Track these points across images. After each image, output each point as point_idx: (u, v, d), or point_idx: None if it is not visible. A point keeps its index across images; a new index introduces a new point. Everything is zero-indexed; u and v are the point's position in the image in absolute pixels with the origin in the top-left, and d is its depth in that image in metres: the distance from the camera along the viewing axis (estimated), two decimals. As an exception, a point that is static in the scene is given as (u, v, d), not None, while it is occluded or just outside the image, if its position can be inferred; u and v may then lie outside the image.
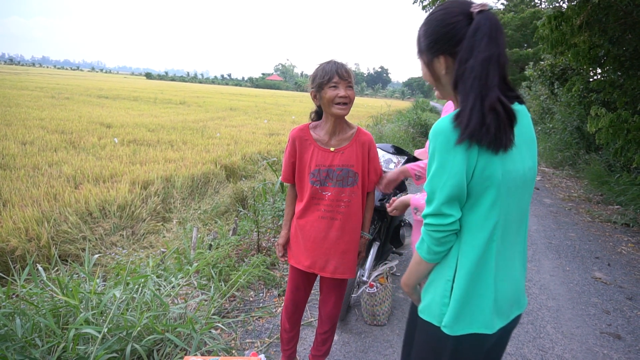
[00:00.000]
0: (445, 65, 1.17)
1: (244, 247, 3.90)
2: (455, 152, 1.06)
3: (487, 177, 1.09)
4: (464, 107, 1.07)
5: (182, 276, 2.90)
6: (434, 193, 1.11)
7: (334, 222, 1.96)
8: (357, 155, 1.94)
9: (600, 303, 3.53)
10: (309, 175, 1.93)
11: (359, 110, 23.25)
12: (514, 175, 1.13)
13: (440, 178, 1.09)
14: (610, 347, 2.89)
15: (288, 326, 2.22)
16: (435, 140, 1.10)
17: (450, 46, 1.14)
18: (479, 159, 1.07)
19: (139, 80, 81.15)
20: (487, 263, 1.15)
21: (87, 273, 2.41)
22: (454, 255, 1.17)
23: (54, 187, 5.32)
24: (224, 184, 6.97)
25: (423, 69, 1.26)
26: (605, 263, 4.43)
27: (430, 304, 1.21)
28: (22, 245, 3.89)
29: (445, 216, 1.11)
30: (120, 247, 4.39)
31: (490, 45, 1.06)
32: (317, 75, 1.84)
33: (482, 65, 1.06)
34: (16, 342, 1.84)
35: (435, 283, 1.21)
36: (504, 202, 1.14)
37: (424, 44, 1.21)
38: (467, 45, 1.08)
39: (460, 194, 1.10)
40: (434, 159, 1.11)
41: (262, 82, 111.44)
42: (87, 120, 11.59)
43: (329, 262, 2.00)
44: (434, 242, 1.14)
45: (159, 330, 2.13)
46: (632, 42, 6.01)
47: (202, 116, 16.06)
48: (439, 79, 1.22)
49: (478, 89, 1.06)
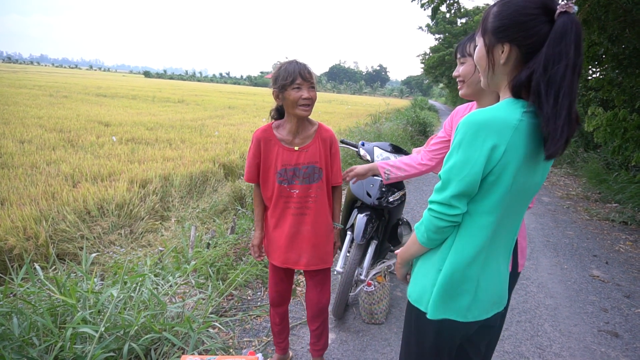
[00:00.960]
0: (507, 54, 1.12)
1: (242, 245, 3.89)
2: (483, 150, 1.06)
3: (501, 180, 1.09)
4: (555, 116, 1.02)
5: (180, 275, 2.89)
6: (449, 182, 1.11)
7: (304, 218, 2.03)
8: (320, 151, 2.00)
9: (598, 301, 3.54)
10: (276, 174, 1.99)
11: (357, 109, 23.24)
12: (523, 185, 1.13)
13: (460, 171, 1.08)
14: (607, 345, 2.89)
15: (277, 319, 2.29)
16: (466, 130, 1.08)
17: (522, 37, 1.08)
18: (502, 161, 1.07)
19: (137, 78, 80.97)
20: (476, 262, 1.18)
21: (84, 272, 2.41)
22: (447, 246, 1.19)
23: (52, 186, 5.31)
24: (222, 182, 6.96)
25: (480, 50, 1.19)
26: (603, 261, 4.44)
27: (421, 292, 1.25)
28: (20, 244, 3.88)
29: (453, 207, 1.12)
30: (119, 246, 4.38)
31: (577, 53, 1.02)
32: (280, 76, 1.86)
33: (572, 74, 1.02)
34: (13, 341, 1.83)
35: (427, 272, 1.24)
36: (505, 207, 1.14)
37: (492, 25, 1.14)
38: (555, 50, 1.02)
39: (473, 191, 1.11)
40: (458, 149, 1.09)
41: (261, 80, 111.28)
42: (86, 119, 11.56)
43: (302, 256, 2.06)
44: (433, 229, 1.16)
45: (156, 329, 2.12)
46: (631, 40, 6.01)
47: (200, 115, 16.03)
48: (493, 66, 1.17)
49: (569, 97, 1.02)
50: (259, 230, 2.12)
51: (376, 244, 3.04)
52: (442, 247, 1.20)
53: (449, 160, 1.12)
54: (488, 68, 1.18)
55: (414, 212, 5.66)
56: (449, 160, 1.13)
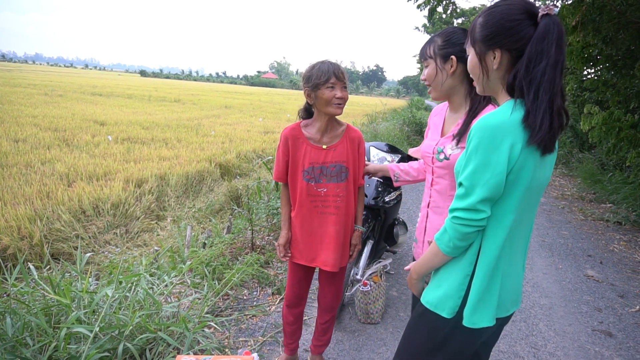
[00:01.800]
0: (499, 60, 1.17)
1: (238, 245, 3.89)
2: (502, 151, 1.08)
3: (521, 178, 1.12)
4: (535, 109, 1.08)
5: (176, 275, 2.88)
6: (473, 188, 1.12)
7: (331, 217, 2.02)
8: (347, 151, 2.00)
9: (592, 301, 3.56)
10: (302, 173, 1.98)
11: (354, 109, 23.27)
12: (538, 180, 1.17)
13: (483, 175, 1.10)
14: (601, 344, 2.91)
15: (292, 319, 2.28)
16: (482, 134, 1.10)
17: (510, 42, 1.15)
18: (520, 158, 1.10)
19: (133, 77, 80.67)
20: (500, 261, 1.19)
21: (79, 272, 2.39)
22: (473, 251, 1.20)
23: (46, 185, 5.28)
24: (218, 182, 6.95)
25: (472, 59, 1.25)
26: (598, 261, 4.46)
27: (443, 298, 1.24)
28: (14, 243, 3.86)
29: (479, 212, 1.13)
30: (114, 246, 4.37)
31: (558, 51, 1.09)
32: (314, 75, 1.86)
33: (552, 69, 1.08)
34: (7, 342, 1.82)
35: (452, 278, 1.24)
36: (523, 204, 1.17)
37: (480, 35, 1.20)
38: (537, 49, 1.09)
39: (498, 193, 1.12)
40: (476, 154, 1.11)
41: (257, 80, 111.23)
42: (81, 118, 11.50)
43: (328, 256, 2.05)
44: (459, 236, 1.16)
45: (151, 329, 2.12)
46: (624, 41, 6.04)
47: (196, 114, 15.99)
48: (487, 72, 1.22)
49: (549, 92, 1.08)
50: (285, 229, 2.10)
51: (372, 243, 3.04)
52: (468, 252, 1.21)
53: (468, 166, 1.13)
54: (482, 75, 1.23)
55: (410, 212, 5.67)
56: (467, 166, 1.14)
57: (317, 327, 2.34)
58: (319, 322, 2.32)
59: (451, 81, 1.62)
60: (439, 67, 1.62)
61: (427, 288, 1.34)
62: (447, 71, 1.60)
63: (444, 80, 1.63)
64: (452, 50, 1.58)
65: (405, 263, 3.97)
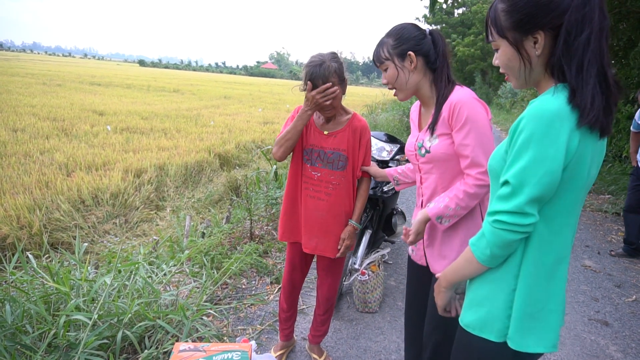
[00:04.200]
0: (542, 43, 0.99)
1: (237, 235, 3.90)
2: (560, 143, 0.92)
3: (577, 173, 0.97)
4: (583, 86, 0.92)
5: (174, 264, 2.90)
6: (522, 187, 0.94)
7: (320, 203, 2.02)
8: (348, 140, 1.98)
9: (589, 290, 3.58)
10: (302, 151, 2.01)
11: (354, 100, 23.17)
12: (594, 173, 1.03)
13: (536, 172, 0.93)
14: (598, 333, 2.93)
15: (285, 306, 2.31)
16: (536, 124, 0.93)
17: (553, 18, 0.96)
18: (578, 150, 0.94)
19: (132, 67, 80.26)
20: (557, 272, 1.03)
21: (77, 260, 2.40)
22: (516, 262, 1.03)
23: (45, 175, 5.27)
24: (217, 172, 6.95)
25: (505, 52, 1.06)
26: (595, 251, 4.48)
27: (487, 318, 1.07)
28: (13, 232, 3.87)
29: (527, 215, 0.95)
30: (113, 235, 4.38)
31: (601, 16, 0.94)
32: (304, 79, 1.86)
33: (598, 38, 0.94)
34: (6, 329, 1.83)
35: (494, 294, 1.06)
36: (576, 203, 1.01)
37: (511, 21, 1.01)
38: (577, 17, 0.93)
39: (551, 192, 0.96)
40: (527, 147, 0.94)
41: (257, 70, 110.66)
42: (80, 108, 11.46)
43: (311, 240, 2.06)
44: (500, 244, 0.99)
45: (150, 317, 2.13)
46: (625, 32, 6.02)
47: (196, 104, 15.93)
48: (530, 61, 1.03)
49: (596, 64, 0.94)
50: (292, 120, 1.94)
51: (370, 233, 3.05)
52: (510, 262, 1.04)
53: (516, 161, 0.96)
54: (524, 66, 1.04)
55: (408, 203, 5.68)
56: (515, 162, 0.96)
57: (315, 317, 2.36)
58: (317, 313, 2.33)
59: (415, 77, 1.57)
60: (398, 66, 1.56)
61: (465, 308, 1.15)
62: (407, 68, 1.55)
63: (407, 78, 1.57)
64: (407, 47, 1.54)
65: (403, 253, 3.98)
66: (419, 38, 1.54)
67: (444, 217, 1.49)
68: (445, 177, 1.56)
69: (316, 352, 2.40)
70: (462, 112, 1.43)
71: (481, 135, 1.43)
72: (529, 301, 1.02)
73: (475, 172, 1.43)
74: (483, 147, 1.42)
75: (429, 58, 1.56)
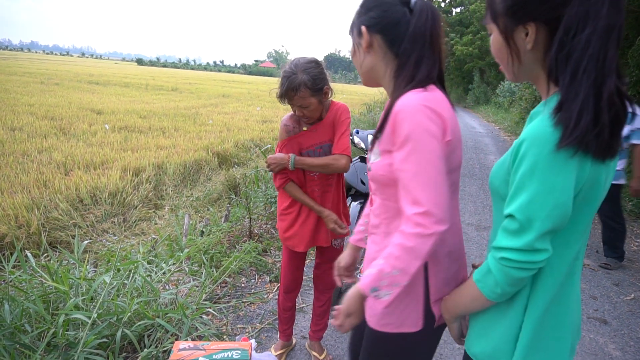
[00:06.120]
0: (534, 36, 0.85)
1: (236, 233, 3.90)
2: (568, 170, 0.80)
3: (591, 197, 0.86)
4: (571, 97, 0.78)
5: (174, 262, 2.89)
6: (531, 223, 0.82)
7: (327, 195, 2.04)
8: (330, 127, 1.99)
9: (587, 289, 3.59)
10: None
11: (352, 98, 23.17)
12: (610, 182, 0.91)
13: (545, 205, 0.81)
14: (596, 331, 2.94)
15: (289, 304, 2.30)
16: (538, 150, 0.81)
17: (546, 9, 0.82)
18: (590, 174, 0.83)
19: (130, 66, 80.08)
20: (564, 298, 0.95)
21: (76, 259, 2.40)
22: (524, 294, 0.94)
23: (43, 174, 5.26)
24: (216, 171, 6.94)
25: (495, 40, 0.93)
26: (594, 250, 4.49)
27: (496, 346, 0.98)
28: (11, 232, 3.86)
29: (539, 252, 0.84)
30: (112, 234, 4.37)
31: (612, 12, 0.77)
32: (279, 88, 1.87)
33: (601, 39, 0.77)
34: (5, 328, 1.83)
35: (502, 327, 0.97)
36: (588, 225, 0.92)
37: (502, 5, 0.88)
38: (579, 10, 0.78)
39: (563, 224, 0.85)
40: (532, 177, 0.81)
41: (255, 69, 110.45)
42: (77, 107, 11.42)
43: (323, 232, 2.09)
44: (511, 282, 0.88)
45: (149, 315, 2.13)
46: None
47: (194, 103, 15.90)
48: (517, 55, 0.90)
49: (594, 72, 0.78)
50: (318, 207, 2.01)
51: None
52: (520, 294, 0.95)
53: (520, 193, 0.83)
54: (511, 59, 0.91)
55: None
56: (519, 194, 0.84)
57: (314, 311, 2.36)
58: (316, 305, 2.34)
59: (370, 60, 1.17)
60: (355, 43, 1.20)
61: (470, 335, 1.07)
62: (362, 47, 1.17)
63: (361, 60, 1.19)
64: (363, 19, 1.14)
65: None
66: (389, 5, 1.10)
67: (380, 288, 1.04)
68: (388, 208, 1.16)
69: (317, 350, 2.40)
70: (402, 126, 1.01)
71: (425, 163, 0.98)
72: (533, 331, 0.93)
73: (413, 213, 0.97)
74: (425, 177, 0.98)
75: (390, 37, 1.11)
